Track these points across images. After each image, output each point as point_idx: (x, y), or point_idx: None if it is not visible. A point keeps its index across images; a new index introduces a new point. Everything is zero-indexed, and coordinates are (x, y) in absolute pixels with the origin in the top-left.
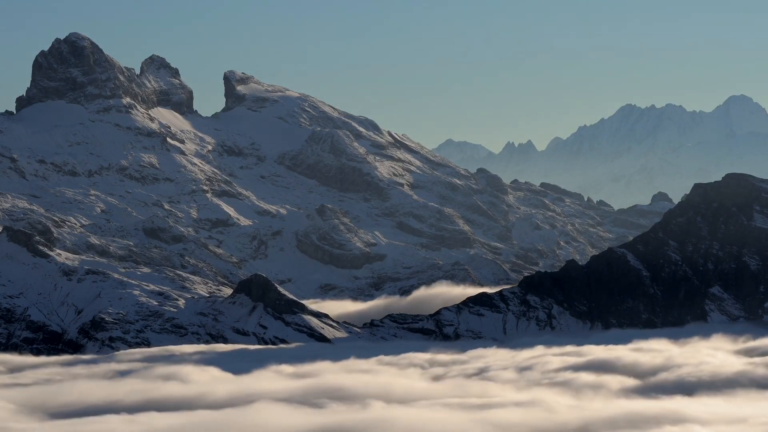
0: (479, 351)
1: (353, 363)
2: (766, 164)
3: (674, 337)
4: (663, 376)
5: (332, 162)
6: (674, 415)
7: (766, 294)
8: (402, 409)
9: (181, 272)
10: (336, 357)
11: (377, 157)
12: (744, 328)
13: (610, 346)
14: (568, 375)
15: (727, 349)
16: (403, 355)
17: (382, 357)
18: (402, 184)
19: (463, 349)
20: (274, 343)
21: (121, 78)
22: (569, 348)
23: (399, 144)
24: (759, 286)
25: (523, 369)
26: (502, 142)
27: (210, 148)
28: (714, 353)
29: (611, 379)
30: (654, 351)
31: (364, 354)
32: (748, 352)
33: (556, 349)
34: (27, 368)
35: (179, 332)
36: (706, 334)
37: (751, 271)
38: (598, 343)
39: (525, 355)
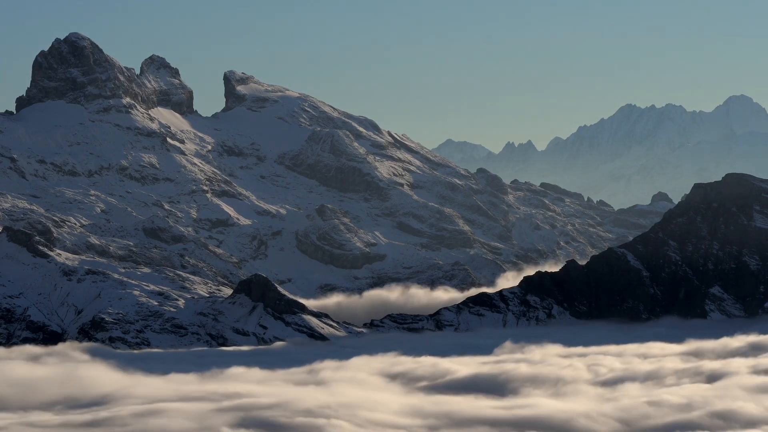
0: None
1: None
2: (766, 164)
3: None
4: None
5: (332, 162)
6: None
7: (766, 294)
8: None
9: (181, 272)
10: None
11: (377, 157)
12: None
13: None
14: None
15: None
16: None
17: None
18: (402, 184)
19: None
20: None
21: (121, 78)
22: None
23: (399, 144)
24: (759, 286)
25: None
26: (502, 142)
27: (210, 148)
28: None
29: None
30: None
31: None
32: None
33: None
34: None
35: (179, 332)
36: None
37: (751, 271)
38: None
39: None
